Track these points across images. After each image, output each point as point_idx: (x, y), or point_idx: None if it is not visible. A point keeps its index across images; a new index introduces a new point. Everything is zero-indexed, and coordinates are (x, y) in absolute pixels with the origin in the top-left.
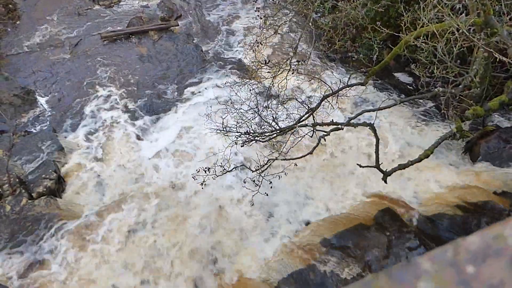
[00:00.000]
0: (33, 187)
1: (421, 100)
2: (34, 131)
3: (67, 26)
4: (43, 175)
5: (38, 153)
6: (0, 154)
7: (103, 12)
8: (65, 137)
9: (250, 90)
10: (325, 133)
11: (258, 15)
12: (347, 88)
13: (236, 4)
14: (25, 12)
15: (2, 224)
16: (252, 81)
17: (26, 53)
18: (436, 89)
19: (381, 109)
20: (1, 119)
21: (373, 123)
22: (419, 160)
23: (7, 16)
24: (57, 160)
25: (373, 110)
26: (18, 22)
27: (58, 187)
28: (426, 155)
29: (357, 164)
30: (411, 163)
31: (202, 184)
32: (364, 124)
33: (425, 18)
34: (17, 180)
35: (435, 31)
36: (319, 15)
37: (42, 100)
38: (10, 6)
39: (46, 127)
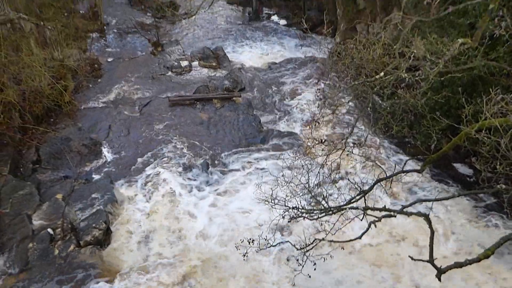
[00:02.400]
0: (82, 235)
1: (482, 194)
2: (94, 180)
3: (140, 87)
4: (93, 224)
5: (93, 201)
6: (59, 198)
7: (175, 78)
8: (121, 190)
9: (302, 165)
10: (377, 219)
11: (318, 95)
12: (402, 174)
13: (298, 83)
14: (107, 72)
15: (47, 267)
16: (306, 157)
17: (101, 108)
18: (498, 186)
19: (438, 200)
20: (68, 165)
21: (429, 214)
22: (478, 260)
23: (91, 74)
24: (108, 211)
25: (429, 200)
26: (99, 80)
27: (105, 238)
28: (486, 255)
29: (409, 257)
30: (469, 262)
31: (244, 255)
32: (419, 214)
33: (487, 112)
34: (70, 226)
35: (499, 126)
36: (377, 99)
37: (106, 152)
38: (96, 65)
39: (104, 178)
